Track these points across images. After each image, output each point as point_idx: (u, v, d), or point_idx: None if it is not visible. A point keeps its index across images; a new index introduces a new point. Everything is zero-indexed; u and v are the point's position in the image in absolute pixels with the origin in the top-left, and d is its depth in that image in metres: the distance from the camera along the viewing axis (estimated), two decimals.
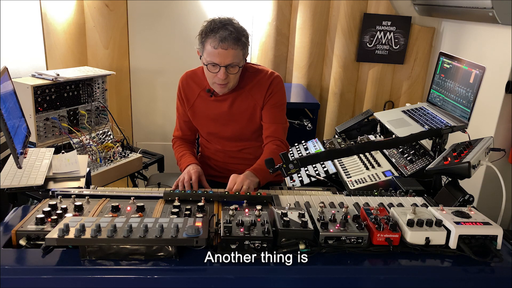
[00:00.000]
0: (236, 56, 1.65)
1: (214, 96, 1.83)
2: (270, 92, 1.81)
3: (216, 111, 1.85)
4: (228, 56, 1.63)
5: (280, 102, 1.84)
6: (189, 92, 1.88)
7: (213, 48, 1.63)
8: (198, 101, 1.87)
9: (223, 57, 1.63)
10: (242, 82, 1.81)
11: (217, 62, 1.64)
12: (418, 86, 3.29)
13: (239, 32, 1.65)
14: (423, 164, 1.84)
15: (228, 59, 1.64)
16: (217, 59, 1.64)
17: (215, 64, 1.65)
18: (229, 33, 1.62)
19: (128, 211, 1.32)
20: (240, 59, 1.68)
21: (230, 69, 1.67)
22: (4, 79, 1.66)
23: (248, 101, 1.82)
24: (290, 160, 1.44)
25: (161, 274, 1.08)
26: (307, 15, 3.16)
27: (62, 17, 2.92)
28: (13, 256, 1.11)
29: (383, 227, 1.18)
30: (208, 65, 1.67)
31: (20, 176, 1.53)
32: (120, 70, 3.18)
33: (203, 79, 1.84)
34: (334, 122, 3.35)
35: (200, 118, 1.90)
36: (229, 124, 1.86)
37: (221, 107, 1.84)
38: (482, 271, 1.15)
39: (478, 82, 1.90)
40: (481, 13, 2.32)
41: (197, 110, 1.88)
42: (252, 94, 1.81)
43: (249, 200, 1.38)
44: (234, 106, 1.82)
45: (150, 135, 3.46)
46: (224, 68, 1.65)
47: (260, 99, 1.82)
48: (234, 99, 1.82)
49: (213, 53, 1.64)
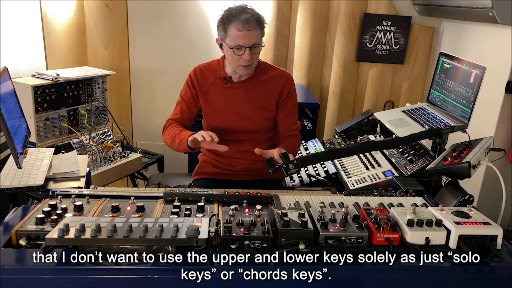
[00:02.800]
0: (258, 36, 1.77)
1: (230, 83, 1.91)
2: (288, 90, 1.92)
3: (231, 98, 1.92)
4: (252, 36, 1.75)
5: (294, 102, 1.98)
6: (202, 80, 1.94)
7: (238, 31, 1.74)
8: (212, 89, 1.93)
9: (248, 39, 1.74)
10: (256, 73, 1.91)
11: (242, 44, 1.75)
12: (418, 86, 3.29)
13: (259, 15, 1.79)
14: (423, 164, 1.84)
15: (252, 39, 1.75)
16: (242, 40, 1.74)
17: (240, 46, 1.75)
18: (251, 15, 1.75)
19: (128, 211, 1.32)
20: (261, 41, 1.80)
21: (254, 50, 1.78)
22: (4, 79, 1.66)
23: (263, 90, 1.92)
24: (290, 160, 1.44)
25: (161, 274, 1.08)
26: (307, 15, 3.16)
27: (62, 17, 2.92)
28: (13, 256, 1.12)
29: (383, 227, 1.18)
30: (233, 48, 1.76)
31: (20, 176, 1.53)
32: (120, 70, 3.17)
33: (218, 69, 1.93)
34: (334, 122, 3.34)
35: (213, 105, 1.94)
36: (241, 112, 1.92)
37: (236, 94, 1.91)
38: (482, 271, 1.15)
39: (478, 82, 1.90)
40: (481, 13, 2.32)
41: (210, 98, 1.94)
42: (267, 85, 1.91)
43: (249, 200, 1.38)
44: (249, 93, 1.91)
45: (150, 135, 3.45)
46: (249, 49, 1.76)
47: (277, 92, 1.92)
48: (250, 87, 1.91)
49: (238, 35, 1.74)
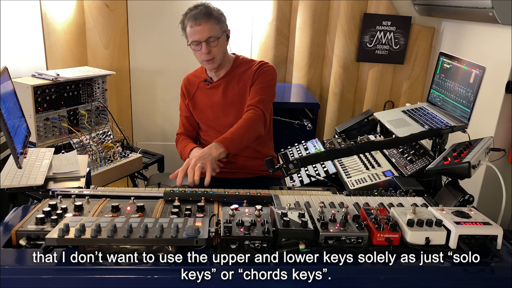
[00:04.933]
0: (212, 29, 1.80)
1: (210, 84, 1.96)
2: (259, 72, 1.92)
3: (213, 98, 1.97)
4: (205, 30, 1.80)
5: (264, 79, 1.92)
6: (189, 86, 2.02)
7: (190, 28, 1.81)
8: (197, 93, 2.00)
9: (200, 33, 1.80)
10: (234, 67, 1.95)
11: (196, 39, 1.81)
12: (418, 86, 3.29)
13: (209, 8, 1.83)
14: (423, 164, 1.84)
15: (205, 33, 1.80)
16: (196, 36, 1.80)
17: (196, 42, 1.81)
18: (199, 10, 1.80)
19: (128, 211, 1.32)
20: (218, 33, 1.83)
21: (211, 43, 1.82)
22: (4, 79, 1.66)
23: (240, 83, 1.94)
24: (290, 160, 1.44)
25: (161, 274, 1.08)
26: (307, 15, 3.16)
27: (62, 17, 2.92)
28: (13, 256, 1.12)
29: (383, 227, 1.18)
30: (191, 45, 1.84)
31: (20, 176, 1.53)
32: (120, 70, 3.17)
33: (201, 72, 2.00)
34: (334, 122, 3.35)
35: (199, 107, 2.00)
36: (226, 110, 1.95)
37: (216, 94, 1.96)
38: (482, 271, 1.15)
39: (478, 82, 1.90)
40: (481, 13, 2.32)
41: (196, 101, 2.00)
42: (243, 76, 1.94)
43: (249, 200, 1.38)
44: (228, 90, 1.94)
45: (150, 135, 3.46)
46: (205, 43, 1.80)
47: (249, 79, 1.92)
48: (227, 84, 1.95)
49: (192, 32, 1.81)
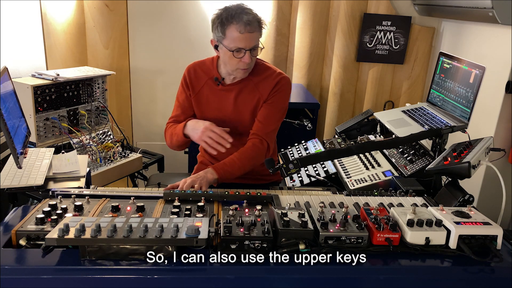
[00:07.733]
0: (258, 38, 1.73)
1: (222, 85, 1.86)
2: (276, 90, 1.83)
3: (223, 102, 1.87)
4: (253, 39, 1.69)
5: (278, 102, 1.85)
6: (195, 79, 1.89)
7: (239, 33, 1.66)
8: (204, 89, 1.89)
9: (248, 41, 1.68)
10: (251, 75, 1.84)
11: (242, 46, 1.68)
12: (418, 86, 3.29)
13: (258, 15, 1.73)
14: (423, 164, 1.84)
15: (252, 42, 1.70)
16: (243, 43, 1.68)
17: (240, 49, 1.69)
18: (253, 16, 1.68)
19: (128, 211, 1.32)
20: (259, 42, 1.74)
21: (253, 52, 1.73)
22: (4, 79, 1.66)
23: (254, 93, 1.84)
24: (290, 160, 1.44)
25: (161, 274, 1.08)
26: (307, 15, 3.16)
27: (62, 17, 2.92)
28: (13, 256, 1.11)
29: (383, 227, 1.18)
30: (233, 51, 1.70)
31: (20, 176, 1.53)
32: (120, 70, 3.17)
33: (211, 69, 1.88)
34: (334, 122, 3.35)
35: (204, 106, 1.90)
36: (232, 115, 1.87)
37: (227, 96, 1.86)
38: (482, 271, 1.15)
39: (478, 82, 1.90)
40: (481, 13, 2.32)
41: (202, 99, 1.90)
42: (258, 87, 1.84)
43: (249, 200, 1.38)
44: (240, 96, 1.85)
45: (150, 135, 3.46)
46: (249, 51, 1.70)
47: (265, 94, 1.84)
48: (241, 90, 1.85)
49: (239, 38, 1.67)
